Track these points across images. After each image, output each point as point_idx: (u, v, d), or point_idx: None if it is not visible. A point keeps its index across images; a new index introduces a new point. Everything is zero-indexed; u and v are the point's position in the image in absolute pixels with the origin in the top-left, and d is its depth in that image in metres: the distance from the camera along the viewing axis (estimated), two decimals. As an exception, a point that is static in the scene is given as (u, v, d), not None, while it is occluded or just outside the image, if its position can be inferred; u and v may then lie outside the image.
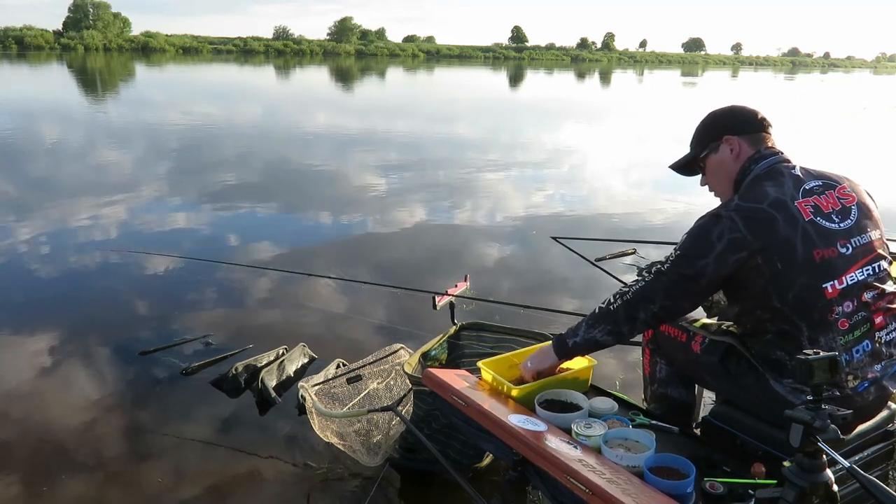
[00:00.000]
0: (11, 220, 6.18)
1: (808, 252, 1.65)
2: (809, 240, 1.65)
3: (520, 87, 35.43)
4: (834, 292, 1.65)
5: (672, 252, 1.77)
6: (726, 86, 41.47)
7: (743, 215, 1.67)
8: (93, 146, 10.88)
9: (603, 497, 1.45)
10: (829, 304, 1.65)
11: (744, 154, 1.83)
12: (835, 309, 1.66)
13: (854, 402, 1.69)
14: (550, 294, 4.79)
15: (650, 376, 2.18)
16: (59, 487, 2.54)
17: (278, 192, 7.98)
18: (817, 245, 1.65)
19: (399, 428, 2.68)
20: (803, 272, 1.64)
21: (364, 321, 4.19)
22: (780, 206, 1.68)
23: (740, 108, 1.90)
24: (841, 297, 1.66)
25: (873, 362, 1.71)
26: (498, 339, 2.70)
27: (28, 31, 70.02)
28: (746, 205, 1.70)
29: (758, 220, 1.66)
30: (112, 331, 3.89)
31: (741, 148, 1.83)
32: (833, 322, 1.66)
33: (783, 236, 1.65)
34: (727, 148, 1.85)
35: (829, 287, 1.65)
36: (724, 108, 1.93)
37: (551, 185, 8.83)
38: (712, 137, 1.88)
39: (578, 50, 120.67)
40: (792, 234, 1.65)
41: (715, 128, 1.89)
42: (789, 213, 1.67)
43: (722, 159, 1.86)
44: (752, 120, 1.86)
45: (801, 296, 1.65)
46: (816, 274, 1.65)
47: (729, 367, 1.85)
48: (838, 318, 1.66)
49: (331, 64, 57.42)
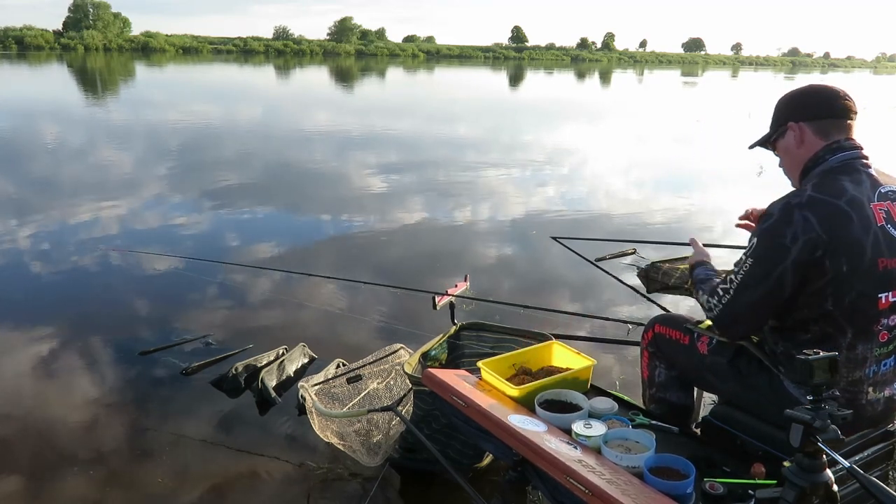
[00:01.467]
0: (12, 220, 6.18)
1: (873, 259, 1.59)
2: (878, 246, 1.60)
3: (520, 87, 35.42)
4: (886, 304, 1.62)
5: (735, 273, 1.68)
6: (726, 86, 41.49)
7: (818, 210, 1.58)
8: (93, 146, 10.88)
9: (602, 497, 1.44)
10: (878, 316, 1.62)
11: (809, 142, 1.73)
12: (881, 321, 1.63)
13: (866, 411, 1.69)
14: (550, 294, 4.79)
15: (648, 380, 2.17)
16: (60, 487, 2.54)
17: (278, 191, 7.98)
18: (883, 253, 1.60)
19: (399, 428, 2.67)
20: (864, 279, 1.59)
21: (364, 321, 4.18)
22: (857, 205, 1.60)
23: (815, 92, 1.77)
24: (890, 310, 1.63)
25: (894, 379, 1.71)
26: (498, 339, 2.70)
27: (28, 31, 70.00)
28: (822, 197, 1.60)
29: (834, 216, 1.58)
30: (112, 331, 3.89)
31: (805, 135, 1.74)
32: (875, 333, 1.64)
33: (855, 238, 1.58)
34: (791, 134, 1.77)
35: (883, 298, 1.61)
36: (799, 89, 1.81)
37: (551, 185, 8.83)
38: (779, 122, 1.80)
39: (578, 50, 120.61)
40: (864, 238, 1.58)
41: (782, 112, 1.80)
42: (864, 215, 1.60)
43: (787, 145, 1.79)
44: (824, 106, 1.74)
45: (856, 302, 1.60)
46: (875, 283, 1.60)
47: (739, 367, 1.84)
48: (881, 330, 1.64)
49: (331, 64, 57.41)
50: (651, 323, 2.14)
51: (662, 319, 2.12)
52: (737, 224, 2.11)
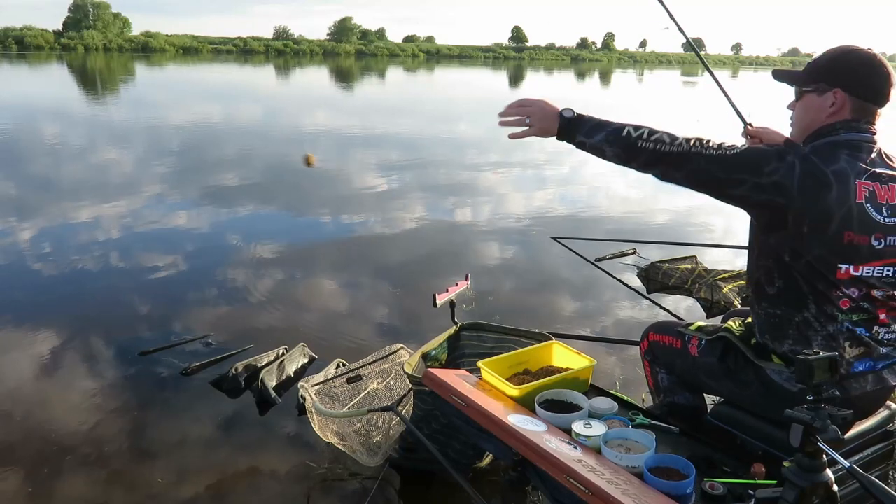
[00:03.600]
0: (12, 220, 6.18)
1: (839, 231, 1.60)
2: (848, 221, 1.60)
3: (520, 88, 35.41)
4: (845, 275, 1.63)
5: (719, 145, 1.68)
6: (727, 85, 41.31)
7: (806, 168, 1.60)
8: (93, 145, 10.88)
9: (602, 497, 1.44)
10: (837, 283, 1.63)
11: (841, 114, 1.69)
12: (840, 288, 1.64)
13: (852, 387, 1.68)
14: (551, 294, 4.79)
15: (655, 388, 2.17)
16: (60, 486, 2.54)
17: (279, 191, 7.98)
18: (852, 228, 1.60)
19: (399, 428, 2.68)
20: (824, 246, 1.60)
21: (364, 321, 4.19)
22: (842, 177, 1.61)
23: (877, 74, 1.69)
24: (850, 282, 1.64)
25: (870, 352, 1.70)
26: (498, 339, 2.71)
27: (28, 31, 70.00)
28: (814, 160, 1.62)
29: (815, 180, 1.59)
30: (112, 331, 3.89)
31: (842, 109, 1.68)
32: (835, 298, 1.65)
33: (824, 207, 1.59)
34: (830, 99, 1.69)
35: (843, 269, 1.62)
36: (866, 60, 1.69)
37: (552, 185, 8.84)
38: (825, 80, 1.70)
39: (578, 50, 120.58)
40: (835, 209, 1.59)
41: (833, 73, 1.70)
42: (844, 188, 1.60)
43: (818, 105, 1.72)
44: (879, 93, 1.69)
45: (813, 264, 1.62)
46: (837, 253, 1.61)
47: (729, 365, 1.84)
48: (841, 297, 1.65)
49: (331, 64, 57.42)
50: (645, 332, 2.16)
51: (655, 328, 2.14)
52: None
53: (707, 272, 4.76)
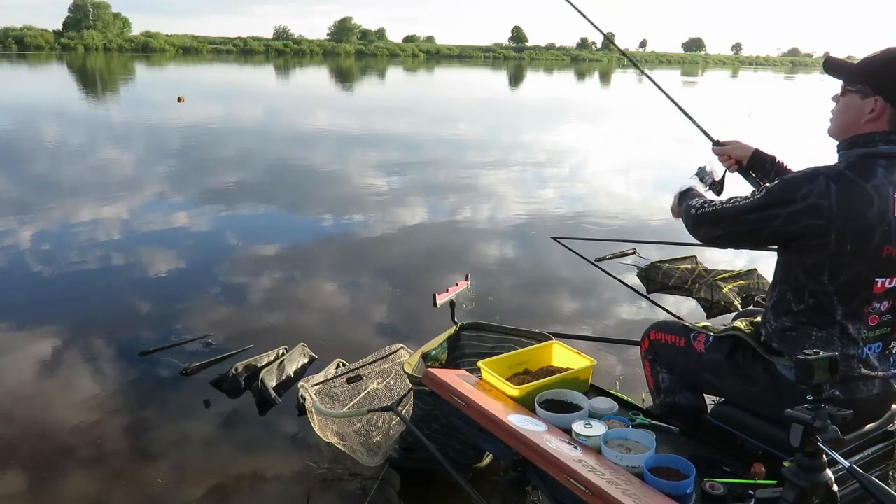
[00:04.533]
0: (13, 220, 6.18)
1: (880, 245, 1.60)
2: (888, 235, 1.60)
3: (520, 87, 35.42)
4: (881, 288, 1.63)
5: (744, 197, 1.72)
6: (727, 85, 41.48)
7: (842, 186, 1.58)
8: (93, 145, 10.88)
9: (602, 497, 1.44)
10: (870, 298, 1.64)
11: (879, 124, 1.65)
12: (873, 304, 1.64)
13: (859, 389, 1.68)
14: (551, 294, 4.79)
15: (655, 388, 2.17)
16: (60, 486, 2.54)
17: (279, 191, 7.97)
18: (891, 242, 1.61)
19: (399, 428, 2.68)
20: (865, 262, 1.60)
21: (364, 321, 4.19)
22: (881, 191, 1.59)
23: None
24: (883, 296, 1.65)
25: (881, 366, 1.72)
26: (498, 339, 2.71)
27: (28, 31, 70.03)
28: (852, 177, 1.59)
29: (854, 196, 1.58)
30: (112, 331, 3.89)
31: (880, 118, 1.65)
32: (865, 315, 1.65)
33: (867, 223, 1.58)
34: (871, 106, 1.65)
35: (879, 282, 1.63)
36: None
37: (552, 185, 8.83)
38: (870, 83, 1.66)
39: (578, 50, 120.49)
40: (876, 224, 1.58)
41: (878, 79, 1.66)
42: (884, 202, 1.59)
43: (857, 107, 1.68)
44: None
45: (852, 282, 1.62)
46: (876, 267, 1.61)
47: (737, 360, 1.84)
48: (871, 314, 1.65)
49: (331, 64, 57.41)
50: (647, 331, 2.16)
51: (657, 326, 2.14)
52: None
53: (707, 272, 4.76)
